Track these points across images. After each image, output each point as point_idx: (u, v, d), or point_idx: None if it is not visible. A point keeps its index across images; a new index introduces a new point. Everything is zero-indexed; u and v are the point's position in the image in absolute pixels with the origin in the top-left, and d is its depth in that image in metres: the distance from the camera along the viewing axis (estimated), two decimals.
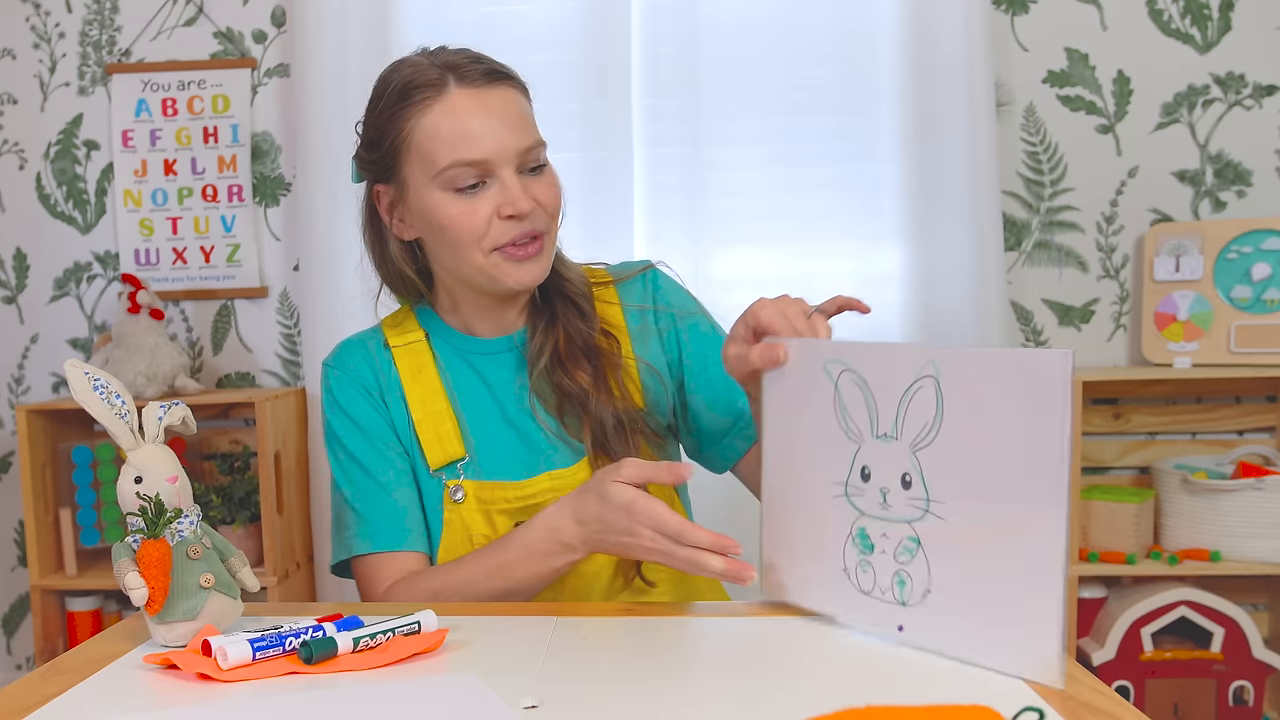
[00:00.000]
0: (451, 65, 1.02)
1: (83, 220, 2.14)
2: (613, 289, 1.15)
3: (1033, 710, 0.57)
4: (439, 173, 1.00)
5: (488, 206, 1.01)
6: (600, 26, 1.95)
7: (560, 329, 1.09)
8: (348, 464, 1.10)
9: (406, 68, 1.04)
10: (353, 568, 1.10)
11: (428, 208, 1.03)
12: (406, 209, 1.06)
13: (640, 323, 1.14)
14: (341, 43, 1.96)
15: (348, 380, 1.12)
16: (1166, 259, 1.91)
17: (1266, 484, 1.75)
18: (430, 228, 1.04)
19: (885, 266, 1.97)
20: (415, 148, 1.02)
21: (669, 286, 1.17)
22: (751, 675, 0.76)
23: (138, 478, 0.84)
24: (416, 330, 1.14)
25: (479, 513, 1.07)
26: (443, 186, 1.01)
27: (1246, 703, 1.80)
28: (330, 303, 1.99)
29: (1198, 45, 1.96)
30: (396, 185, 1.06)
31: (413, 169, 1.03)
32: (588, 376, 1.07)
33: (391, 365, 1.12)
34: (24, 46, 2.12)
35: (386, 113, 1.03)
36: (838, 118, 1.97)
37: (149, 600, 0.81)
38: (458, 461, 1.07)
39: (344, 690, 0.74)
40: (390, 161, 1.05)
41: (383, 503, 1.08)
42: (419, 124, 1.01)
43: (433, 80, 1.01)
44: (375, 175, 1.08)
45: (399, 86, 1.03)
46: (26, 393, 2.18)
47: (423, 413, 1.09)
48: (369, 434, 1.10)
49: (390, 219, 1.09)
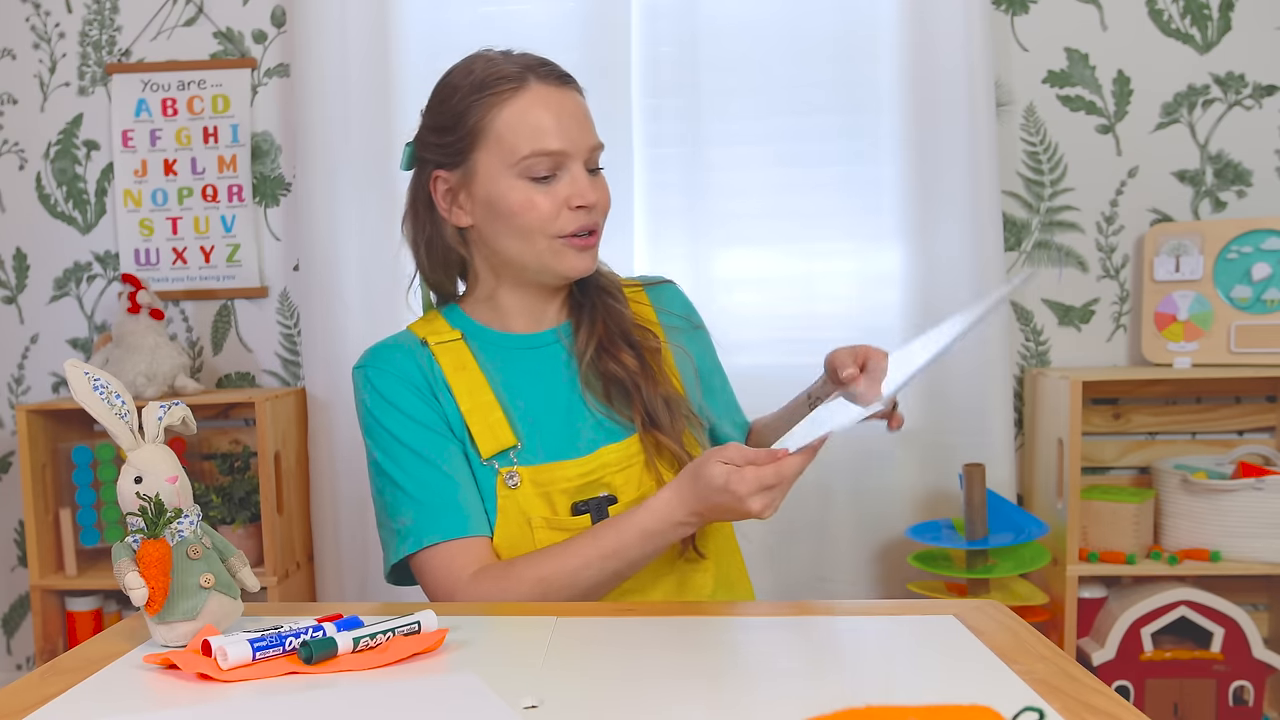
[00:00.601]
0: (529, 65, 1.10)
1: (83, 220, 2.14)
2: (643, 292, 1.24)
3: (1033, 710, 0.57)
4: (518, 161, 1.06)
5: (559, 196, 1.08)
6: (600, 27, 1.95)
7: (601, 318, 1.16)
8: (402, 456, 1.09)
9: (483, 61, 1.11)
10: (417, 563, 1.08)
11: (499, 194, 1.08)
12: (469, 195, 1.11)
13: (668, 322, 1.22)
14: (341, 43, 1.96)
15: (390, 376, 1.12)
16: (1166, 259, 1.91)
17: (1266, 484, 1.75)
18: (497, 213, 1.09)
19: (885, 266, 1.97)
20: (494, 136, 1.07)
21: (686, 300, 1.28)
22: (751, 675, 0.76)
23: (138, 478, 0.84)
24: (451, 330, 1.16)
25: (537, 496, 1.08)
26: (519, 174, 1.07)
27: (1246, 703, 1.80)
28: (330, 303, 1.99)
29: (1198, 45, 1.96)
30: (463, 171, 1.10)
31: (487, 156, 1.08)
32: (633, 360, 1.13)
33: (433, 361, 1.13)
34: (24, 46, 2.12)
35: (464, 101, 1.08)
36: (838, 118, 1.97)
37: (149, 600, 0.81)
38: (510, 449, 1.09)
39: (344, 690, 0.74)
40: (462, 147, 1.09)
41: (447, 490, 1.07)
42: (499, 114, 1.07)
43: (514, 75, 1.08)
44: (440, 160, 1.12)
45: (480, 76, 1.08)
46: (26, 393, 2.18)
47: (471, 404, 1.11)
48: (423, 423, 1.10)
49: (447, 205, 1.13)
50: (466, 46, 2.08)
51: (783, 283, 1.97)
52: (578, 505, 1.09)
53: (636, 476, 1.11)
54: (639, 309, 1.21)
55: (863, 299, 1.97)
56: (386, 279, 2.00)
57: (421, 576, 1.09)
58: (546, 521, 1.08)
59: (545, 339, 1.17)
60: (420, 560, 1.07)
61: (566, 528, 1.08)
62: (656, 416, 1.11)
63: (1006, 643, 0.82)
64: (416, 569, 1.09)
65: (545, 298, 1.17)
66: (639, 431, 1.12)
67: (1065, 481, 1.79)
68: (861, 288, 1.98)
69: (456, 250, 1.15)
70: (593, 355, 1.13)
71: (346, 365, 1.99)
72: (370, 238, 1.99)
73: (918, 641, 0.83)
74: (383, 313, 1.99)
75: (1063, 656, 0.78)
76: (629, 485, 1.11)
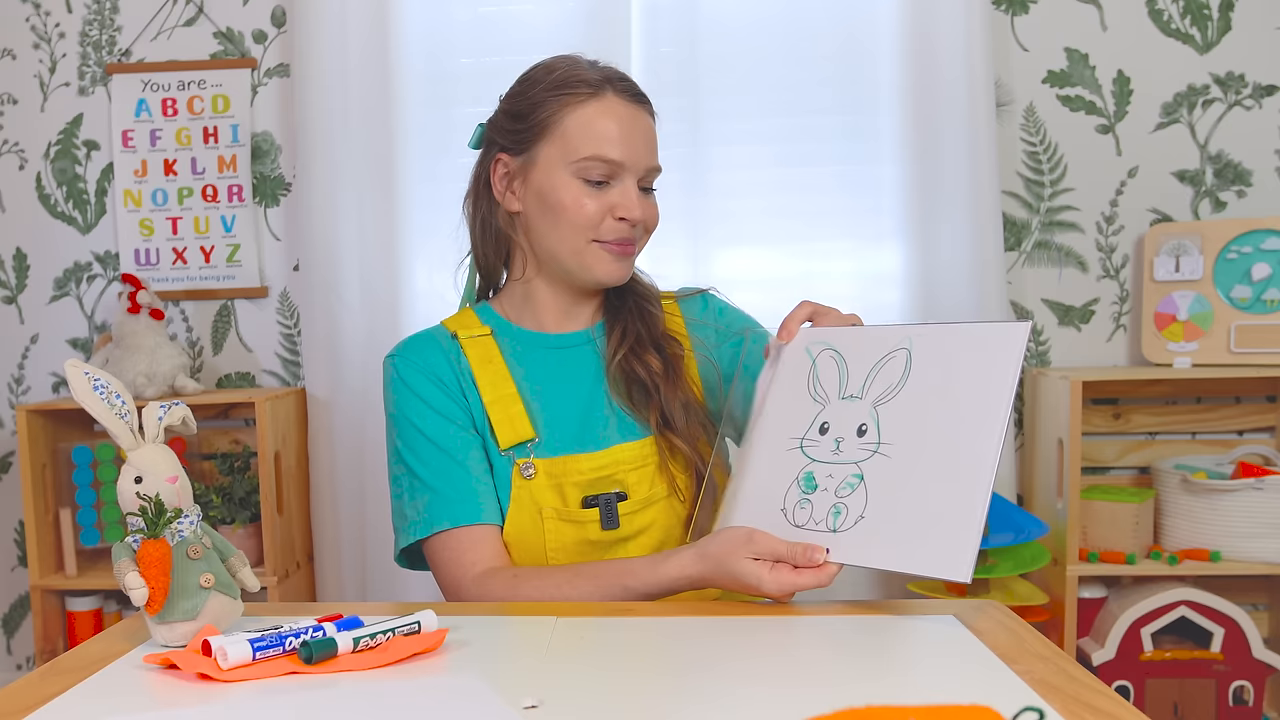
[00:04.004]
0: (609, 77, 1.14)
1: (83, 220, 2.14)
2: (675, 303, 1.26)
3: (1033, 710, 0.57)
4: (577, 160, 1.10)
5: (605, 202, 1.12)
6: (600, 26, 1.95)
7: (634, 323, 1.19)
8: (421, 445, 1.13)
9: (568, 63, 1.15)
10: (429, 548, 1.12)
11: (552, 187, 1.12)
12: (524, 183, 1.15)
13: (699, 334, 1.23)
14: (341, 43, 1.96)
15: (417, 368, 1.16)
16: (1166, 259, 1.91)
17: (1266, 484, 1.75)
18: (545, 205, 1.13)
19: (885, 266, 1.97)
20: (561, 132, 1.11)
21: (725, 308, 1.28)
22: (751, 675, 0.76)
23: (138, 478, 0.84)
24: (481, 326, 1.20)
25: (549, 488, 1.11)
26: (575, 173, 1.11)
27: (1246, 703, 1.80)
28: (330, 303, 2.00)
29: (1197, 45, 1.96)
30: (524, 159, 1.14)
31: (549, 149, 1.12)
32: (658, 363, 1.16)
33: (461, 354, 1.17)
34: (24, 46, 2.12)
35: (543, 94, 1.13)
36: (838, 118, 1.97)
37: (149, 600, 0.81)
38: (528, 442, 1.13)
39: (344, 690, 0.74)
40: (529, 136, 1.13)
41: (462, 480, 1.11)
42: (572, 113, 1.11)
43: (594, 81, 1.12)
44: (506, 144, 1.16)
45: (562, 76, 1.13)
46: (26, 393, 2.18)
47: (493, 396, 1.14)
48: (444, 415, 1.14)
49: (502, 188, 1.17)
50: (466, 46, 2.08)
51: (783, 282, 1.97)
52: (588, 499, 1.11)
53: (649, 476, 1.13)
54: (670, 320, 1.23)
55: (863, 299, 1.97)
56: (386, 279, 2.00)
57: (432, 561, 1.12)
58: (557, 512, 1.11)
59: (576, 339, 1.20)
60: (432, 546, 1.11)
61: (576, 519, 1.11)
62: (673, 420, 1.14)
63: (1006, 643, 0.82)
64: (428, 554, 1.13)
65: (579, 297, 1.20)
66: (654, 433, 1.14)
67: (1065, 481, 1.79)
68: (861, 288, 1.98)
69: (506, 234, 1.19)
70: (622, 356, 1.16)
71: (347, 365, 2.02)
72: (370, 238, 1.99)
73: (918, 641, 0.83)
74: (383, 312, 2.00)
75: (1063, 656, 0.78)
76: (641, 484, 1.13)
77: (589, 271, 1.14)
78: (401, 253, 2.00)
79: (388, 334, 1.96)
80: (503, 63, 1.21)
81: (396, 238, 2.00)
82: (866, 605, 0.94)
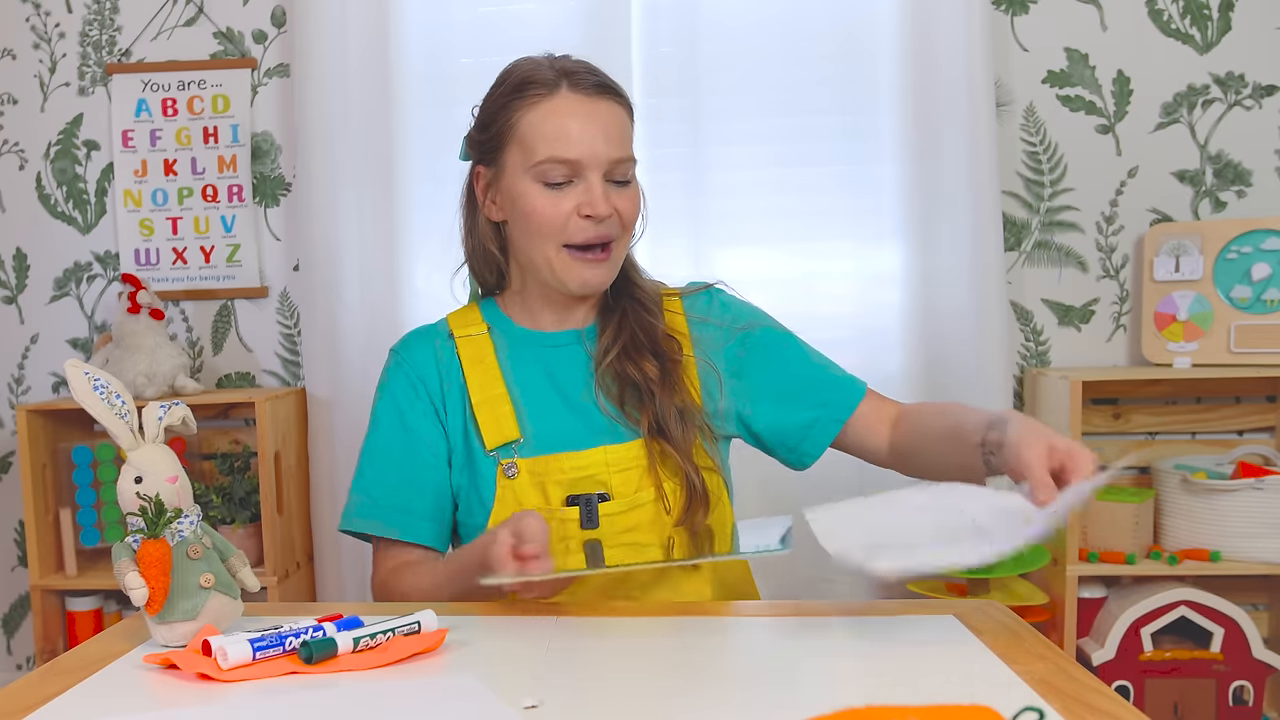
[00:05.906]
0: (567, 71, 1.12)
1: (83, 220, 2.14)
2: (679, 300, 1.24)
3: (1033, 710, 0.57)
4: (534, 164, 1.10)
5: (570, 203, 1.10)
6: (600, 26, 1.94)
7: (630, 326, 1.17)
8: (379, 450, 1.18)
9: (528, 64, 1.14)
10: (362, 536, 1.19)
11: (518, 194, 1.12)
12: (499, 192, 1.16)
13: (701, 332, 1.21)
14: (341, 43, 1.96)
15: (406, 373, 1.19)
16: (1166, 259, 1.91)
17: (1266, 484, 1.75)
18: (516, 213, 1.13)
19: (885, 266, 1.97)
20: (519, 137, 1.11)
21: (731, 302, 1.25)
22: (751, 675, 0.76)
23: (138, 478, 0.84)
24: (480, 324, 1.21)
25: (532, 486, 1.12)
26: (535, 178, 1.10)
27: (1246, 703, 1.80)
28: (330, 303, 1.99)
29: (1197, 45, 1.96)
30: (495, 168, 1.15)
31: (512, 156, 1.12)
32: (655, 369, 1.15)
33: (454, 353, 1.18)
34: (24, 46, 2.11)
35: (500, 101, 1.13)
36: (838, 118, 1.97)
37: (149, 600, 0.81)
38: (512, 443, 1.13)
39: (344, 690, 0.74)
40: (495, 145, 1.14)
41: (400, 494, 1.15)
42: (526, 116, 1.11)
43: (548, 80, 1.11)
44: (479, 156, 1.18)
45: (517, 80, 1.13)
46: (26, 393, 2.18)
47: (481, 397, 1.15)
48: (413, 430, 1.17)
49: (484, 199, 1.18)
50: (466, 46, 2.08)
51: (783, 282, 1.96)
52: (571, 498, 1.11)
53: (635, 480, 1.12)
54: (672, 318, 1.21)
55: (863, 299, 1.97)
56: (386, 279, 2.00)
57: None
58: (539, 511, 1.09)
59: (567, 338, 1.20)
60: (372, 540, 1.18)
61: (559, 518, 1.11)
62: (666, 425, 1.12)
63: (1006, 643, 0.82)
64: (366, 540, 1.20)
65: (571, 300, 1.19)
66: (644, 437, 1.13)
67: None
68: (861, 288, 1.98)
69: (496, 244, 1.20)
70: (613, 358, 1.16)
71: (347, 365, 2.01)
72: (370, 238, 1.99)
73: (918, 641, 0.83)
74: (383, 312, 1.99)
75: (1063, 656, 0.78)
76: (626, 487, 1.12)
77: (564, 280, 1.13)
78: (401, 253, 2.00)
79: (388, 334, 1.95)
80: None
81: (396, 238, 2.00)
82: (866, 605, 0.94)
